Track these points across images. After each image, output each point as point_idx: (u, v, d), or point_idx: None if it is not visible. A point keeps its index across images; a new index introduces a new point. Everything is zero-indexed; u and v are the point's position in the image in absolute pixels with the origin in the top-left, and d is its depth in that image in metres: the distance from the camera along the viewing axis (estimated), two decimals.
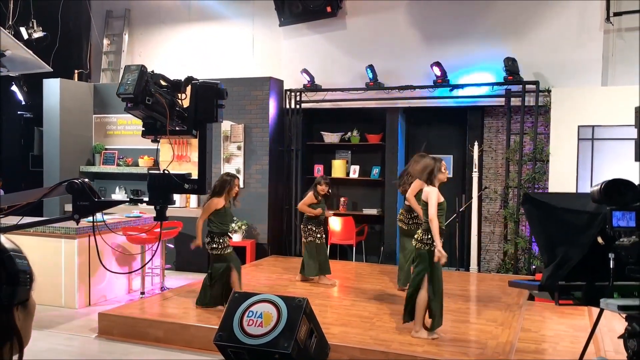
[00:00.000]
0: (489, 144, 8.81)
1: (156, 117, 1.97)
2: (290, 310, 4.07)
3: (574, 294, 2.47)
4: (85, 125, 10.16)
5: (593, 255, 2.37)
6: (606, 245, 2.33)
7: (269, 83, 9.13)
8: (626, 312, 2.26)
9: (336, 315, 5.95)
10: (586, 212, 2.40)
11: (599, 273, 2.37)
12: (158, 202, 2.02)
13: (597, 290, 2.37)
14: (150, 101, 1.92)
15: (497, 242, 8.74)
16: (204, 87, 1.98)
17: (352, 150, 9.70)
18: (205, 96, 2.00)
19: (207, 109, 2.02)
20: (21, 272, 1.04)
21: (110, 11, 10.92)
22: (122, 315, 5.87)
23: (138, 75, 1.91)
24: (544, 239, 2.54)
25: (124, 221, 7.51)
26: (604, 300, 2.29)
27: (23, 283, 1.04)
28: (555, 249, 2.45)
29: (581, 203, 2.48)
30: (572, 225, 2.44)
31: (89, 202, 1.94)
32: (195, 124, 2.04)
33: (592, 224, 2.38)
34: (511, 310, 6.14)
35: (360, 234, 9.27)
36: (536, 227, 2.61)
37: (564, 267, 2.41)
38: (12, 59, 7.75)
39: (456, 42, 8.65)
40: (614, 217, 2.27)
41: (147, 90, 1.93)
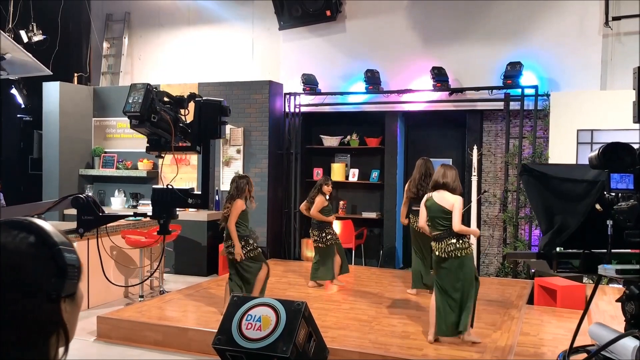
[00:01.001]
0: (488, 148, 8.81)
1: (160, 134, 2.01)
2: (289, 313, 4.06)
3: (571, 262, 2.45)
4: (84, 128, 10.16)
5: (591, 223, 2.35)
6: (604, 212, 2.31)
7: (269, 86, 9.14)
8: (624, 276, 2.25)
9: (335, 318, 5.94)
10: (584, 181, 2.38)
11: (597, 241, 2.34)
12: (162, 216, 2.06)
13: (595, 258, 2.35)
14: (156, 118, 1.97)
15: (496, 245, 8.74)
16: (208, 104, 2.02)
17: (352, 154, 9.71)
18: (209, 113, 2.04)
19: (211, 126, 2.07)
20: (70, 266, 1.05)
21: (110, 14, 10.94)
22: (120, 318, 5.87)
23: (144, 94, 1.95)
24: (542, 208, 2.52)
25: (123, 224, 7.50)
26: (602, 267, 2.27)
27: (71, 277, 1.06)
28: (553, 217, 2.43)
29: (579, 173, 2.46)
30: (570, 193, 2.42)
31: (93, 216, 1.98)
32: (199, 140, 2.08)
33: (590, 191, 2.35)
34: (510, 314, 6.13)
35: (359, 238, 9.27)
36: (534, 197, 2.59)
37: (562, 235, 2.39)
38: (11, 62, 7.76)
39: (455, 46, 8.66)
40: (612, 179, 2.25)
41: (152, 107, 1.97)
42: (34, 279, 1.02)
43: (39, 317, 1.01)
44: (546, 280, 6.83)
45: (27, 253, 1.02)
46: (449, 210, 5.09)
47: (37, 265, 1.02)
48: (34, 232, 1.05)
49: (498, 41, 8.44)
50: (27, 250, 1.02)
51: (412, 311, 6.14)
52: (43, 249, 1.04)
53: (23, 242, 1.03)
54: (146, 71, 10.78)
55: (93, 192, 10.04)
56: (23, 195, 10.76)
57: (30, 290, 1.01)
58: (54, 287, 1.02)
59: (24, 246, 1.03)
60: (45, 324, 1.02)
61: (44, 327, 1.02)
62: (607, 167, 2.26)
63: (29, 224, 1.06)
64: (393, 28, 9.04)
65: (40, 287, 1.02)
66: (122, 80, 10.73)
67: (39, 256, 1.03)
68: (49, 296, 1.02)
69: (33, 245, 1.03)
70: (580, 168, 2.52)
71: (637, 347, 2.13)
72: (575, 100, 7.78)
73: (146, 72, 10.78)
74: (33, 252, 1.03)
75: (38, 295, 1.01)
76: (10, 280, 1.00)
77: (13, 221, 1.06)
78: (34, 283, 1.01)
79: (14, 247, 1.02)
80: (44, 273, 1.03)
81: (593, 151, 2.43)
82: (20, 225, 1.05)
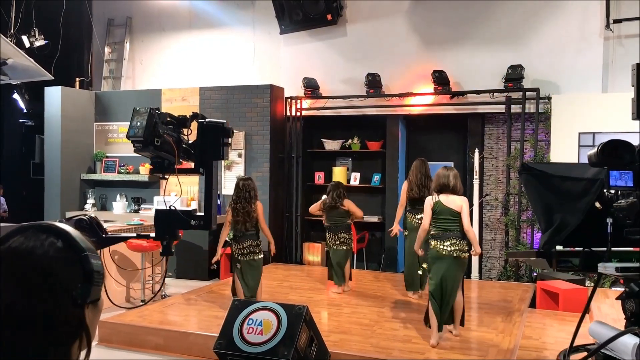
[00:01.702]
0: (490, 151, 8.81)
1: (164, 156, 2.02)
2: (290, 318, 4.06)
3: (571, 260, 2.44)
4: (86, 133, 10.18)
5: (591, 222, 2.34)
6: (604, 210, 2.29)
7: (270, 90, 9.15)
8: (624, 274, 2.24)
9: (336, 322, 5.93)
10: (584, 179, 2.37)
11: (597, 239, 2.33)
12: (165, 237, 2.08)
13: (595, 256, 2.34)
14: (159, 142, 1.98)
15: (498, 249, 8.73)
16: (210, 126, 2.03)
17: (353, 158, 9.71)
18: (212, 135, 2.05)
19: (213, 148, 2.08)
20: (95, 272, 1.07)
21: (112, 19, 10.97)
22: (122, 322, 5.86)
23: (147, 118, 1.97)
24: (541, 206, 2.50)
25: (125, 229, 7.50)
26: (602, 264, 2.26)
27: (97, 283, 1.07)
28: (553, 215, 2.42)
29: (579, 171, 2.45)
30: (569, 192, 2.40)
31: (97, 238, 2.01)
32: (202, 162, 2.09)
33: (589, 190, 2.34)
34: (512, 318, 6.11)
35: (361, 241, 9.26)
36: (533, 195, 2.58)
37: (562, 233, 2.38)
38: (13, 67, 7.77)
39: (456, 49, 8.67)
40: (612, 176, 2.24)
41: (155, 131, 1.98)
42: (62, 284, 1.03)
43: (65, 321, 1.02)
44: (548, 283, 6.81)
45: (56, 257, 1.03)
46: (457, 212, 5.13)
47: (65, 270, 1.03)
48: (62, 237, 1.06)
49: (499, 44, 8.45)
50: (56, 255, 1.03)
51: (414, 315, 6.12)
52: (71, 253, 1.05)
53: (52, 246, 1.04)
54: (148, 76, 10.81)
55: (95, 196, 10.05)
56: (25, 199, 10.78)
57: (57, 294, 1.02)
58: (80, 292, 1.04)
59: (53, 250, 1.04)
60: (70, 328, 1.03)
61: (68, 331, 1.03)
62: (607, 164, 2.25)
63: (57, 228, 1.07)
64: (394, 31, 9.05)
65: (68, 291, 1.03)
66: (124, 84, 10.76)
67: (67, 261, 1.04)
68: (75, 301, 1.03)
69: (61, 250, 1.04)
70: (579, 167, 2.51)
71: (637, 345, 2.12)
72: (577, 103, 7.77)
73: (148, 76, 10.80)
74: (61, 257, 1.04)
75: (65, 300, 1.02)
76: (38, 284, 1.01)
77: (41, 225, 1.08)
78: (62, 287, 1.03)
79: (42, 251, 1.03)
80: (72, 278, 1.04)
81: (592, 149, 2.42)
82: (48, 229, 1.07)
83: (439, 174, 5.33)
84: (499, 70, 8.24)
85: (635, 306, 2.20)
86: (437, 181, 5.29)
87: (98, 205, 10.09)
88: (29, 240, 1.04)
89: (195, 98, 9.56)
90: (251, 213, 6.08)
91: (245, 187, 6.13)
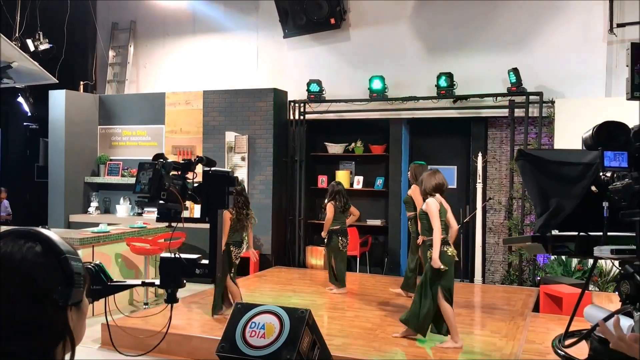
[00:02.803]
0: (493, 155, 8.80)
1: (170, 207, 2.09)
2: (293, 321, 4.06)
3: (567, 245, 2.43)
4: (90, 136, 10.21)
5: (587, 206, 2.32)
6: (600, 194, 2.29)
7: (273, 94, 9.16)
8: (619, 256, 2.23)
9: (339, 326, 5.93)
10: (580, 163, 2.37)
11: (593, 224, 2.32)
12: (170, 285, 2.12)
13: (591, 240, 2.33)
14: (165, 195, 2.04)
15: (501, 253, 8.71)
16: (216, 176, 2.10)
17: (356, 161, 9.71)
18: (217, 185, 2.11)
19: (219, 197, 2.14)
20: (76, 274, 1.06)
21: (116, 23, 11.01)
22: (125, 326, 5.86)
23: (152, 174, 2.05)
24: (537, 191, 2.49)
25: (128, 232, 7.52)
26: (598, 248, 2.25)
27: (77, 285, 1.07)
28: (549, 200, 2.40)
29: (575, 156, 2.44)
30: (565, 176, 2.39)
31: (102, 286, 2.05)
32: (208, 212, 2.15)
33: (585, 174, 2.33)
34: (515, 322, 6.10)
35: (364, 245, 9.25)
36: (529, 181, 2.57)
37: (557, 217, 2.37)
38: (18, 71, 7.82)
39: (460, 53, 8.67)
40: (606, 157, 2.24)
41: (161, 185, 2.04)
42: (42, 288, 1.02)
43: (47, 325, 1.02)
44: (552, 287, 6.79)
45: (34, 262, 1.03)
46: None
47: (44, 273, 1.03)
48: (41, 241, 1.06)
49: (502, 48, 8.45)
50: (34, 259, 1.03)
51: None
52: (50, 257, 1.05)
53: (30, 251, 1.04)
54: (151, 79, 10.84)
55: (98, 199, 10.07)
56: (29, 203, 10.81)
57: (38, 298, 1.02)
58: (61, 295, 1.03)
59: (31, 255, 1.03)
60: (52, 331, 1.02)
61: (51, 335, 1.02)
62: (601, 146, 2.25)
63: (35, 233, 1.07)
64: (397, 36, 9.06)
65: (48, 295, 1.02)
66: (128, 88, 10.79)
67: (46, 265, 1.04)
68: (56, 304, 1.03)
69: (40, 254, 1.04)
70: (576, 152, 2.50)
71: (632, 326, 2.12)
72: (580, 107, 7.76)
73: (151, 80, 10.84)
74: (40, 261, 1.04)
75: (46, 304, 1.02)
76: (18, 289, 1.00)
77: (20, 230, 1.07)
78: (42, 291, 1.02)
79: (21, 256, 1.03)
80: (52, 281, 1.03)
81: (587, 131, 2.40)
82: (27, 234, 1.06)
83: (432, 174, 5.31)
84: (503, 74, 8.23)
85: (630, 288, 2.20)
86: (434, 181, 5.25)
87: (102, 209, 10.11)
88: (7, 245, 1.04)
89: (199, 102, 9.58)
90: (250, 219, 6.18)
91: (246, 194, 6.19)
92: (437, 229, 5.10)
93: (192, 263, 2.12)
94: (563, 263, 7.62)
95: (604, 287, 7.13)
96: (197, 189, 2.17)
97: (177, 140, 9.71)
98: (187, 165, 2.22)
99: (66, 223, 9.63)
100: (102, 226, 7.46)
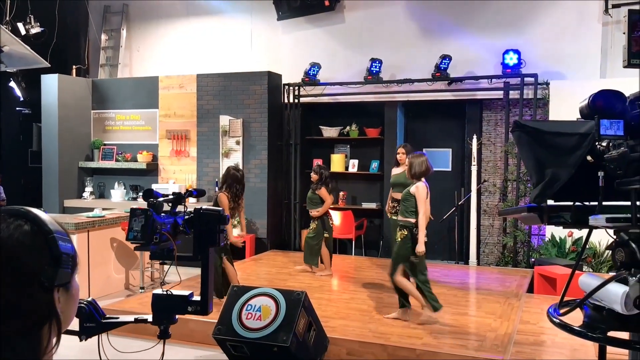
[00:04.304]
0: (488, 137, 8.80)
1: (162, 247, 2.14)
2: (289, 303, 4.08)
3: (563, 215, 2.44)
4: (83, 120, 10.15)
5: (582, 176, 2.33)
6: (595, 164, 2.29)
7: (267, 77, 9.11)
8: (614, 224, 2.24)
9: (335, 308, 5.96)
10: (576, 134, 2.37)
11: (589, 193, 2.33)
12: (162, 322, 2.17)
13: (586, 210, 2.34)
14: (157, 239, 2.09)
15: (496, 235, 8.75)
16: (207, 215, 2.15)
17: (351, 145, 9.70)
18: (208, 223, 2.17)
19: (210, 235, 2.19)
20: (64, 254, 1.04)
21: (108, 6, 10.90)
22: (121, 310, 5.88)
23: (144, 220, 2.10)
24: (533, 161, 2.50)
25: (123, 216, 7.51)
26: (593, 217, 2.26)
27: (65, 265, 1.04)
28: (544, 170, 2.41)
29: (571, 127, 2.45)
30: (561, 146, 2.40)
31: (95, 323, 2.07)
32: (199, 249, 2.21)
33: (581, 144, 2.33)
34: (510, 303, 6.15)
35: (359, 228, 9.28)
36: (525, 151, 2.58)
37: (553, 186, 2.37)
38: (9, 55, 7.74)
39: (454, 35, 8.64)
40: (602, 125, 2.24)
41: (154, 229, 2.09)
42: (28, 267, 1.00)
43: (32, 306, 1.00)
44: (546, 268, 6.84)
45: (21, 241, 1.01)
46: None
47: (31, 253, 1.01)
48: (30, 220, 1.04)
49: (497, 30, 8.42)
50: (22, 238, 1.01)
51: (412, 300, 6.15)
52: (37, 237, 1.03)
53: (17, 229, 1.02)
54: (145, 63, 10.76)
55: (93, 184, 10.04)
56: (23, 188, 10.77)
57: (24, 278, 0.99)
58: (47, 275, 1.01)
59: (18, 234, 1.01)
60: (38, 313, 1.00)
61: (37, 316, 1.00)
62: (597, 114, 2.25)
63: (25, 212, 1.05)
64: (392, 18, 9.01)
65: (34, 275, 1.00)
66: (121, 72, 10.71)
67: (33, 244, 1.02)
68: (42, 285, 1.00)
69: (28, 234, 1.02)
70: (572, 123, 2.50)
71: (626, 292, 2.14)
72: (575, 89, 7.74)
73: (145, 64, 10.76)
74: (27, 240, 1.01)
75: (31, 284, 1.00)
76: (4, 268, 0.98)
77: (9, 209, 1.05)
78: (28, 271, 1.00)
79: (8, 234, 1.01)
80: (38, 261, 1.01)
81: (583, 100, 2.40)
82: (16, 213, 1.04)
83: (424, 160, 5.33)
84: (497, 56, 8.21)
85: (625, 255, 2.22)
86: (425, 167, 5.31)
87: (96, 193, 10.09)
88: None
89: (192, 85, 9.52)
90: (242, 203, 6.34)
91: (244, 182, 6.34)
92: (423, 213, 5.21)
93: (184, 300, 2.18)
94: (557, 244, 7.67)
95: (598, 268, 7.19)
96: (188, 222, 2.22)
97: (171, 124, 9.66)
98: (178, 199, 2.28)
99: (61, 208, 9.60)
100: (97, 211, 7.45)
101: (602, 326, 2.30)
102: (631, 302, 2.13)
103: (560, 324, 2.50)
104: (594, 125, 2.29)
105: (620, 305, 2.14)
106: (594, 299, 2.30)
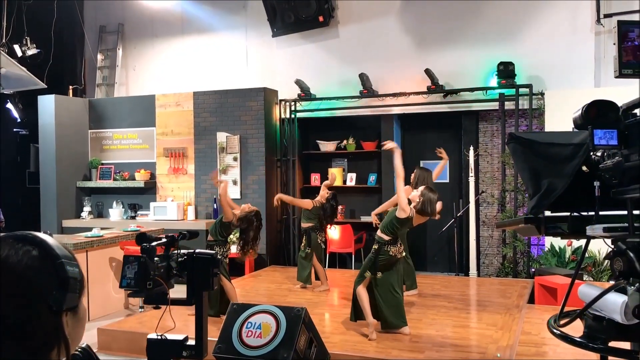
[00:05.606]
0: (485, 148, 8.83)
1: (156, 291, 2.17)
2: (289, 320, 4.06)
3: (560, 226, 2.44)
4: (81, 140, 10.17)
5: (578, 186, 2.33)
6: (591, 174, 2.30)
7: (264, 93, 9.15)
8: (612, 234, 2.24)
9: (336, 324, 5.94)
10: (571, 144, 2.38)
11: (585, 203, 2.33)
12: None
13: (583, 220, 2.34)
14: (151, 285, 2.12)
15: (495, 246, 8.74)
16: (201, 259, 2.16)
17: (348, 158, 9.72)
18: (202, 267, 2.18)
19: (204, 279, 2.21)
20: (71, 278, 1.06)
21: (104, 26, 10.96)
22: (121, 329, 5.85)
23: (138, 267, 2.12)
24: (529, 173, 2.50)
25: (122, 235, 7.50)
26: (590, 227, 2.26)
27: (73, 289, 1.06)
28: (540, 181, 2.41)
29: (566, 138, 2.46)
30: (556, 157, 2.39)
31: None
32: (194, 294, 2.23)
33: (576, 154, 2.34)
34: (511, 314, 6.13)
35: (358, 242, 9.26)
36: (520, 163, 2.58)
37: (550, 197, 2.37)
38: (6, 77, 7.78)
39: (448, 48, 8.69)
40: (595, 135, 2.24)
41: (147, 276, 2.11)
42: (36, 292, 1.02)
43: (41, 329, 1.01)
44: (546, 278, 6.83)
45: (30, 266, 1.03)
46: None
47: (39, 277, 1.03)
48: (37, 245, 1.06)
49: (491, 41, 8.47)
50: (30, 263, 1.03)
51: (413, 314, 6.13)
52: (46, 261, 1.05)
53: (26, 255, 1.04)
54: (141, 82, 10.80)
55: (91, 203, 10.03)
56: (21, 209, 10.75)
57: (32, 302, 1.01)
58: (55, 299, 1.03)
59: (27, 259, 1.03)
60: (46, 336, 1.02)
61: (45, 339, 1.02)
62: (591, 124, 2.26)
63: (32, 237, 1.07)
64: (386, 32, 9.07)
65: (42, 299, 1.02)
66: (117, 91, 10.75)
67: (42, 269, 1.04)
68: (51, 309, 1.02)
69: (36, 258, 1.04)
70: (566, 134, 2.51)
71: (625, 302, 2.13)
72: (570, 98, 7.78)
73: (141, 82, 10.79)
74: (36, 265, 1.03)
75: (40, 308, 1.02)
76: (13, 293, 1.00)
77: (17, 235, 1.07)
78: (36, 295, 1.02)
79: (17, 260, 1.03)
80: (46, 285, 1.03)
81: (577, 111, 2.41)
82: (24, 238, 1.06)
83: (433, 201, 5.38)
84: (492, 67, 8.26)
85: (623, 264, 2.22)
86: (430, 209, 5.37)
87: (95, 213, 10.08)
88: (3, 249, 1.03)
89: (189, 103, 9.55)
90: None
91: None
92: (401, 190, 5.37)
93: (178, 344, 2.19)
94: (557, 254, 7.66)
95: (598, 277, 7.17)
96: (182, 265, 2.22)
97: (168, 142, 9.68)
98: (170, 242, 2.29)
99: (59, 228, 9.58)
100: (95, 230, 7.44)
101: (602, 336, 2.29)
102: (630, 311, 2.13)
103: (560, 335, 2.49)
104: (587, 136, 2.30)
105: (620, 314, 2.14)
106: (594, 309, 2.30)
